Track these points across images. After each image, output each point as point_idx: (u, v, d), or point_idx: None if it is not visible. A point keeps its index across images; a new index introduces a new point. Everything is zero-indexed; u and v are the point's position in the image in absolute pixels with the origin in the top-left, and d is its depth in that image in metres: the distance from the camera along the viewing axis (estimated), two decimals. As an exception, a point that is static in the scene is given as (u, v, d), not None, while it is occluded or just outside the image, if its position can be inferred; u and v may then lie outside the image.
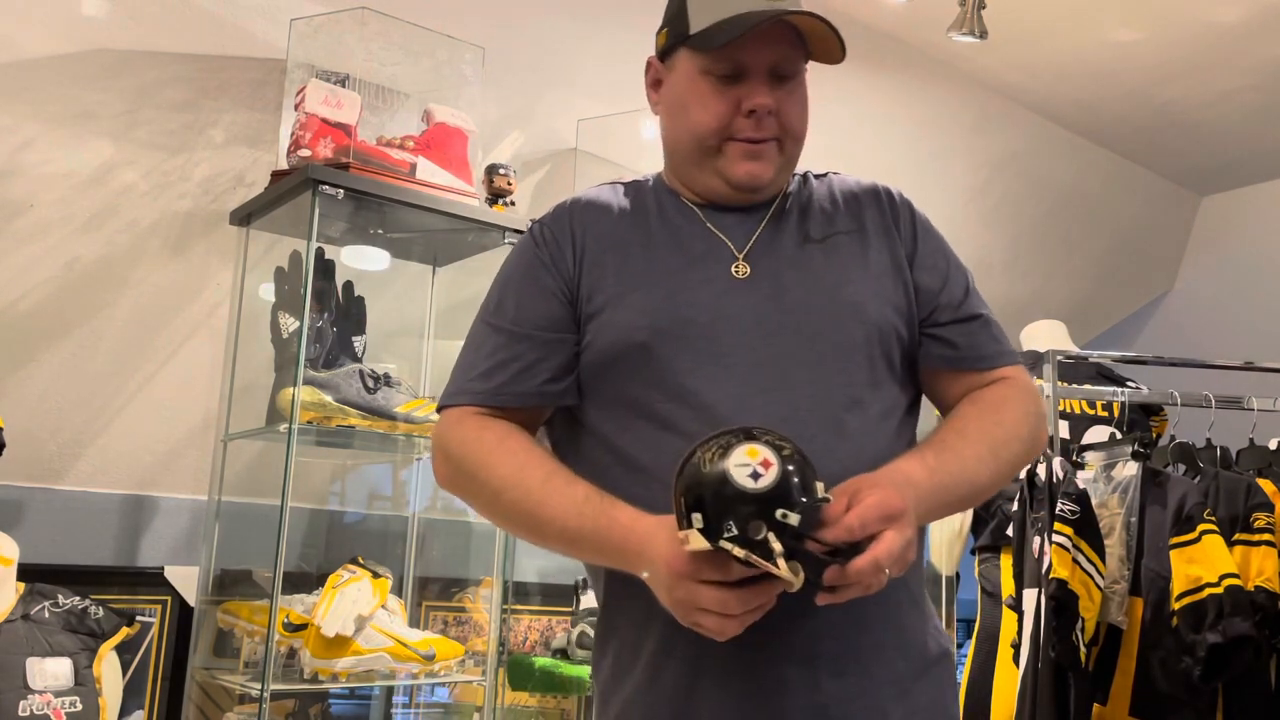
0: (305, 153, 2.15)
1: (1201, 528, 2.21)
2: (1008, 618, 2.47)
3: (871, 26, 3.21)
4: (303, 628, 2.10)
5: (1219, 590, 2.14)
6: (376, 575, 2.21)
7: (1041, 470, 2.38)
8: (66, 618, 1.98)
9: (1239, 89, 3.51)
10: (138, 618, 2.18)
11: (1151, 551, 2.31)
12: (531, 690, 2.66)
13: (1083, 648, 2.25)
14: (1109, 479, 2.46)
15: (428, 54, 2.40)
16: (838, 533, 0.99)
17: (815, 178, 1.34)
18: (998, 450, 1.20)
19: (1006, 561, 2.53)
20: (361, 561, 2.23)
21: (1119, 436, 2.55)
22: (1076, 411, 2.87)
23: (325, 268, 2.26)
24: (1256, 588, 2.21)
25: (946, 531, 2.91)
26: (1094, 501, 2.36)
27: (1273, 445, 2.48)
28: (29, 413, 2.22)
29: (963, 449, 1.18)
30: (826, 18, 1.18)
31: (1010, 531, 2.49)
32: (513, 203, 2.42)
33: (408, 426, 2.23)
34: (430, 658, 2.19)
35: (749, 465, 0.96)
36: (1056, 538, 2.27)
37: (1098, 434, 2.63)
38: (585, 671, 2.47)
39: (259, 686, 1.99)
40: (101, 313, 2.29)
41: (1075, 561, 2.27)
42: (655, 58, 1.31)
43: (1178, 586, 2.19)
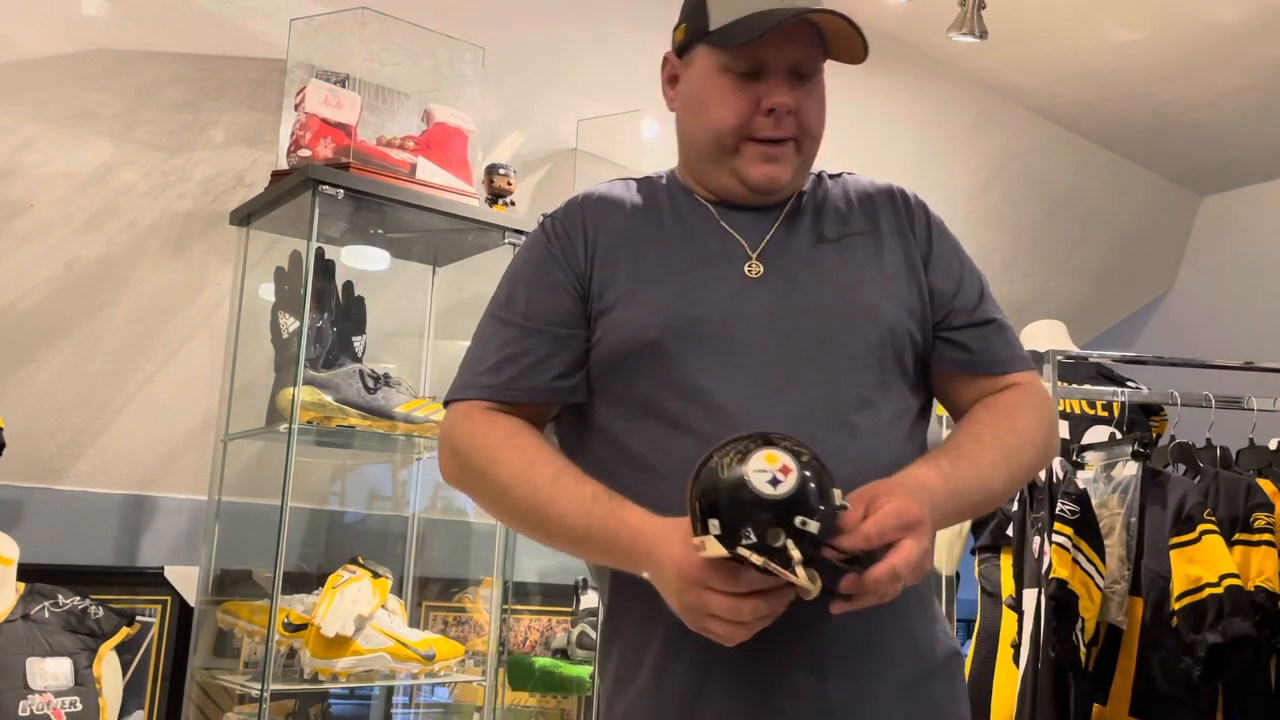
0: (305, 153, 2.15)
1: (1201, 528, 2.21)
2: (1008, 618, 2.47)
3: (871, 26, 3.17)
4: (303, 628, 2.10)
5: (1219, 590, 2.14)
6: (376, 575, 2.21)
7: (1041, 470, 2.38)
8: (66, 618, 1.98)
9: (1239, 89, 3.51)
10: (138, 618, 2.18)
11: (1151, 551, 2.31)
12: (531, 690, 2.66)
13: (1083, 648, 2.25)
14: (1109, 479, 2.46)
15: (428, 54, 2.39)
16: (855, 540, 0.97)
17: (830, 178, 1.32)
18: (1011, 456, 1.19)
19: (1006, 561, 2.53)
20: (361, 561, 2.23)
21: (1119, 436, 2.55)
22: (1076, 411, 2.86)
23: (325, 268, 2.26)
24: (1256, 588, 2.21)
25: (946, 531, 2.90)
26: (1094, 501, 2.36)
27: (1273, 445, 2.48)
28: (29, 413, 2.22)
29: (977, 455, 1.16)
30: (850, 17, 1.15)
31: (1010, 531, 2.49)
32: (513, 203, 2.42)
33: (408, 426, 2.23)
34: (430, 658, 2.19)
35: (767, 471, 0.95)
36: (1056, 538, 2.27)
37: (1098, 434, 2.62)
38: (585, 671, 2.47)
39: (259, 686, 1.99)
40: (101, 313, 2.29)
41: (1075, 561, 2.27)
42: (672, 53, 1.28)
43: (1178, 586, 2.19)
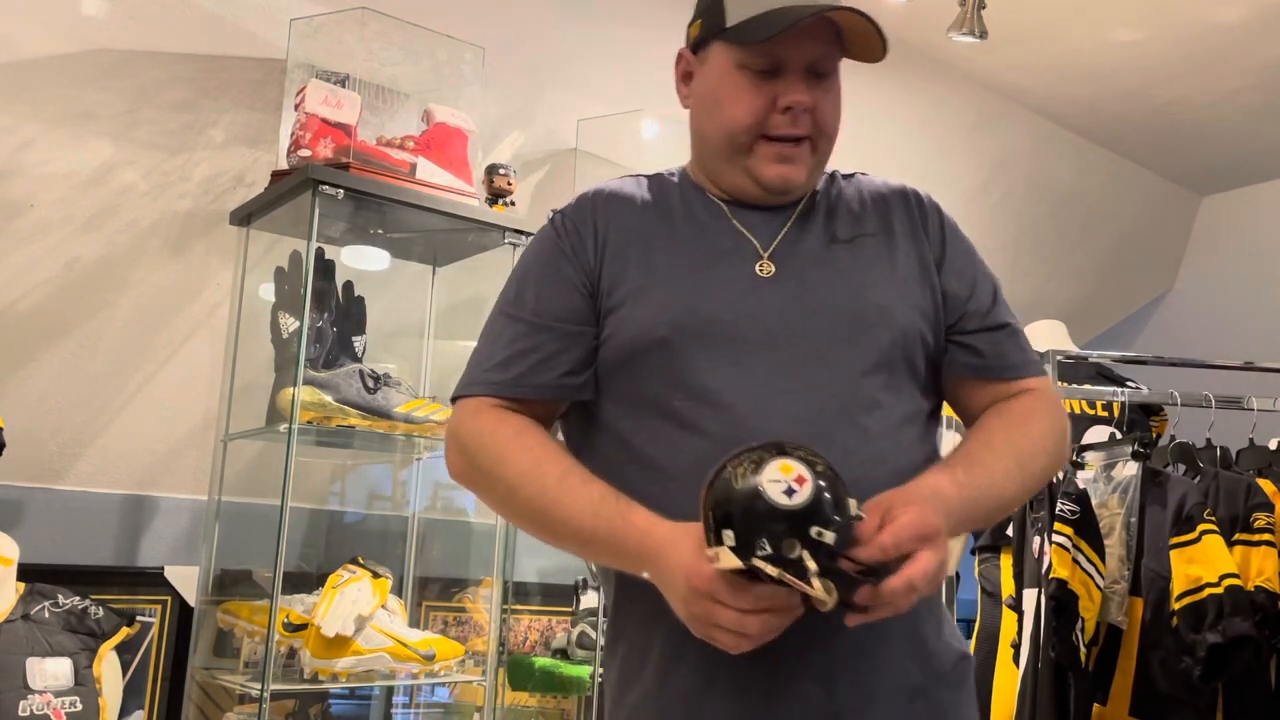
0: (305, 153, 2.15)
1: (1201, 528, 2.21)
2: (1008, 618, 2.47)
3: (871, 26, 3.19)
4: (303, 628, 2.10)
5: (1219, 590, 2.14)
6: (376, 575, 2.21)
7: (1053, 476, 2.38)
8: (66, 618, 1.98)
9: (1239, 89, 3.51)
10: (138, 618, 2.18)
11: (1151, 551, 2.31)
12: (531, 690, 2.66)
13: (1083, 648, 2.25)
14: (1109, 479, 2.46)
15: (428, 54, 2.39)
16: (872, 551, 0.96)
17: (843, 178, 1.31)
18: (1025, 463, 1.18)
19: (1006, 561, 2.53)
20: (361, 561, 2.23)
21: (1119, 436, 2.55)
22: (1076, 411, 2.86)
23: (325, 268, 2.26)
24: (1256, 588, 2.21)
25: (946, 531, 2.90)
26: (1094, 501, 2.36)
27: (1273, 445, 2.48)
28: (29, 413, 2.22)
29: (991, 463, 1.15)
30: (869, 14, 1.14)
31: (1010, 531, 2.49)
32: (513, 203, 2.42)
33: (408, 426, 2.23)
34: (430, 658, 2.19)
35: (782, 481, 0.93)
36: (1056, 538, 2.27)
37: (1098, 434, 2.62)
38: (585, 671, 2.47)
39: (259, 686, 1.99)
40: (101, 313, 2.29)
41: (1075, 561, 2.27)
42: (687, 49, 1.27)
43: (1178, 586, 2.19)
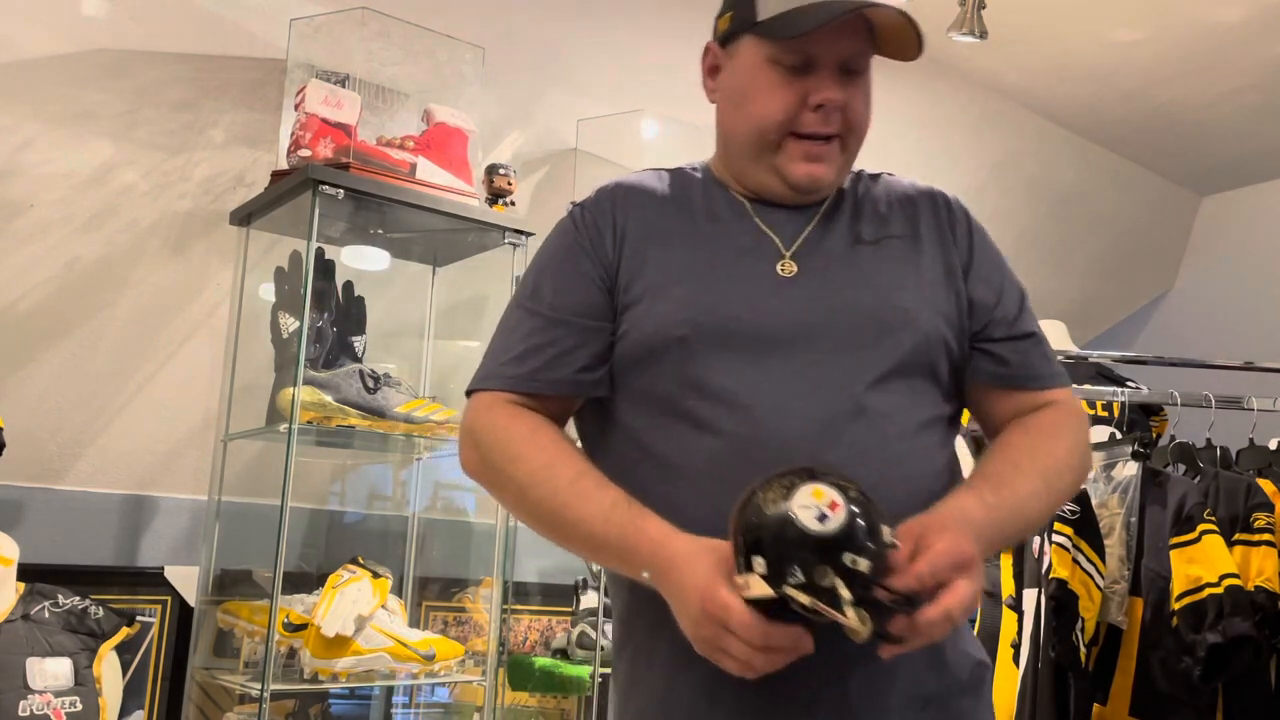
0: (305, 153, 2.15)
1: (1201, 528, 2.21)
2: (1007, 618, 2.47)
3: (871, 26, 3.20)
4: (303, 628, 2.10)
5: (1219, 590, 2.14)
6: (376, 575, 2.21)
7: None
8: (66, 618, 1.98)
9: (1239, 89, 3.51)
10: (138, 618, 2.18)
11: (1151, 551, 2.31)
12: (531, 690, 2.66)
13: (1082, 648, 2.25)
14: (1109, 479, 2.46)
15: (428, 54, 2.39)
16: (908, 581, 0.93)
17: (870, 177, 1.29)
18: (1051, 482, 1.16)
19: (1006, 561, 2.53)
20: (361, 561, 2.23)
21: (1119, 436, 2.54)
22: (1076, 411, 2.86)
23: (325, 268, 2.26)
24: (1256, 588, 2.20)
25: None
26: (1094, 501, 2.36)
27: (1273, 445, 2.48)
28: (29, 413, 2.22)
29: (1019, 484, 1.13)
30: (907, 11, 1.12)
31: (1010, 531, 2.49)
32: (513, 203, 2.42)
33: (408, 426, 2.23)
34: (430, 658, 2.19)
35: (814, 507, 0.90)
36: (1056, 537, 2.27)
37: (1098, 434, 2.62)
38: (585, 671, 2.47)
39: (259, 686, 1.99)
40: (101, 313, 2.29)
41: (1075, 561, 2.27)
42: (714, 43, 1.25)
43: (1178, 586, 2.19)
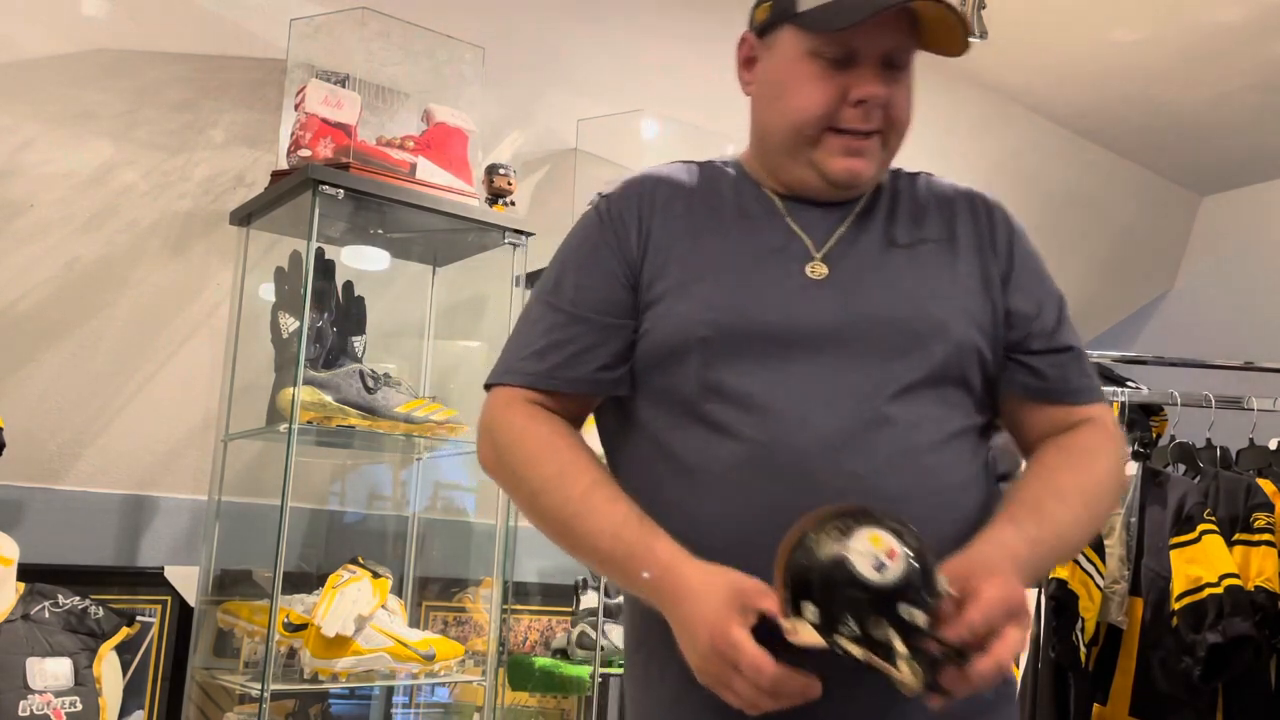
0: (305, 153, 2.15)
1: (1201, 528, 2.21)
2: (1008, 618, 2.47)
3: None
4: (303, 628, 2.10)
5: (1219, 590, 2.14)
6: (376, 575, 2.21)
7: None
8: (66, 618, 1.98)
9: (1239, 89, 3.51)
10: (138, 618, 2.18)
11: (1151, 551, 2.31)
12: (531, 690, 2.66)
13: (1083, 648, 2.25)
14: (1109, 479, 2.46)
15: (428, 54, 2.39)
16: (960, 632, 0.89)
17: (908, 176, 1.25)
18: (1091, 506, 1.13)
19: (1006, 561, 2.53)
20: (361, 561, 2.23)
21: (1119, 436, 2.54)
22: (1076, 411, 2.86)
23: (325, 268, 2.26)
24: (1256, 588, 2.21)
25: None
26: (1094, 501, 2.36)
27: (1273, 445, 2.48)
28: (29, 413, 2.22)
29: (1061, 514, 1.09)
30: (954, 5, 1.09)
31: (1010, 531, 2.49)
32: (513, 203, 2.42)
33: (408, 426, 2.23)
34: (430, 658, 2.18)
35: (871, 554, 0.86)
36: (1056, 538, 2.27)
37: (1098, 434, 2.62)
38: (585, 671, 2.47)
39: (259, 686, 1.99)
40: (101, 313, 2.29)
41: (1075, 561, 2.27)
42: (751, 34, 1.20)
43: (1178, 586, 2.19)
